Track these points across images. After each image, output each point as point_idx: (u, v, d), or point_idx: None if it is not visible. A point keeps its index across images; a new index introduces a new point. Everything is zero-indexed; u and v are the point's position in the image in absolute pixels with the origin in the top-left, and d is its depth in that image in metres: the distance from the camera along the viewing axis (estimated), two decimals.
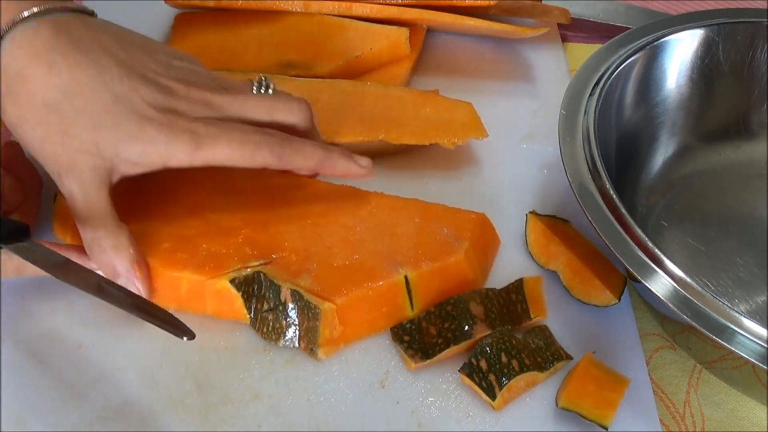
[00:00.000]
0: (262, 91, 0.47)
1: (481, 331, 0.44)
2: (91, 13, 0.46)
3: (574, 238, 0.49)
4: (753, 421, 0.45)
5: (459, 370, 0.43)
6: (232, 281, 0.44)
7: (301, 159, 0.45)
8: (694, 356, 0.46)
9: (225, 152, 0.42)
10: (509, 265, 0.50)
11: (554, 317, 0.48)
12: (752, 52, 0.55)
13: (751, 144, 0.57)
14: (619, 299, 0.46)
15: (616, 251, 0.41)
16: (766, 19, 0.55)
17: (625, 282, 0.47)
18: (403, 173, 0.55)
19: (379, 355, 0.45)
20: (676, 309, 0.39)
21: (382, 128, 0.54)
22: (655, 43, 0.53)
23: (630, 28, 0.55)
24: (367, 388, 0.44)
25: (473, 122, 0.55)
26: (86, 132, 0.41)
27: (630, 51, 0.52)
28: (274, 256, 0.45)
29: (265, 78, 0.48)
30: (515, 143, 0.59)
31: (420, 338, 0.44)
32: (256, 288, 0.45)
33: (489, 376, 0.42)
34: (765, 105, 0.56)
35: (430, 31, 0.66)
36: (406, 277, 0.45)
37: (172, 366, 0.44)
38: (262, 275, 0.44)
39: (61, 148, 0.42)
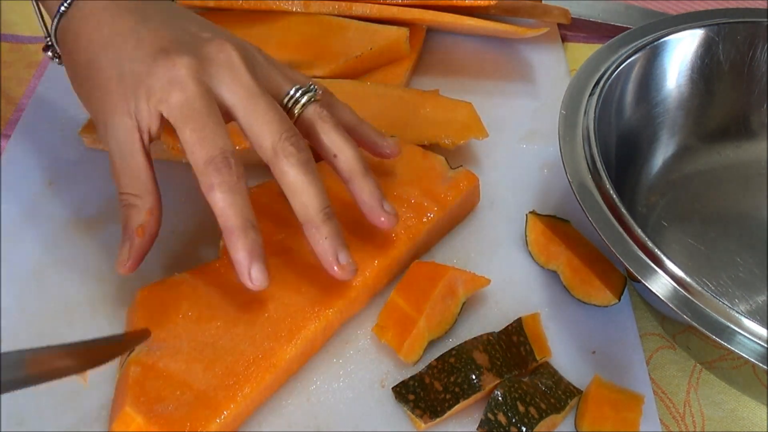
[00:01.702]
0: (298, 95, 0.44)
1: (490, 381, 0.42)
2: None
3: (574, 238, 0.49)
4: (753, 421, 0.45)
5: (477, 428, 0.41)
6: None
7: (223, 206, 0.40)
8: (694, 356, 0.46)
9: (184, 133, 0.40)
10: (509, 265, 0.50)
11: (554, 317, 0.48)
12: (752, 52, 0.55)
13: (751, 144, 0.57)
14: (619, 299, 0.46)
15: (616, 251, 0.41)
16: (766, 19, 0.54)
17: (625, 282, 0.47)
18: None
19: (378, 355, 0.45)
20: (676, 309, 0.38)
21: (382, 128, 0.54)
22: (655, 43, 0.53)
23: (630, 28, 0.55)
24: (367, 388, 0.44)
25: (473, 122, 0.55)
26: (114, 85, 0.41)
27: (630, 51, 0.52)
28: None
29: (314, 87, 0.45)
30: (515, 143, 0.59)
31: (425, 395, 0.42)
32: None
33: (510, 429, 0.40)
34: (765, 105, 0.56)
35: (430, 31, 0.66)
36: None
37: None
38: None
39: (100, 103, 0.42)
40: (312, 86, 0.45)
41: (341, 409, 0.43)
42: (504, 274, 0.49)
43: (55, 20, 0.44)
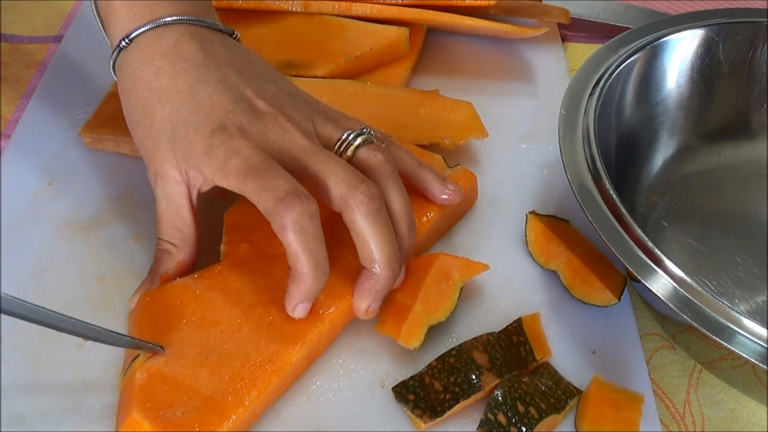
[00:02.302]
0: (351, 137, 0.44)
1: (490, 381, 0.42)
2: (230, 33, 0.47)
3: (574, 238, 0.49)
4: (753, 421, 0.45)
5: (477, 429, 0.41)
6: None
7: (293, 244, 0.39)
8: (694, 356, 0.46)
9: (257, 194, 0.40)
10: (509, 265, 0.50)
11: (554, 317, 0.48)
12: (752, 52, 0.55)
13: (751, 144, 0.57)
14: (619, 299, 0.46)
15: (616, 251, 0.41)
16: (766, 19, 0.54)
17: (625, 282, 0.47)
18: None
19: (379, 355, 0.45)
20: (676, 309, 0.38)
21: (382, 128, 0.54)
22: (655, 43, 0.53)
23: (630, 28, 0.55)
24: (367, 388, 0.44)
25: (473, 122, 0.55)
26: (165, 140, 0.42)
27: (630, 51, 0.52)
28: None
29: (367, 130, 0.45)
30: (515, 143, 0.59)
31: (425, 395, 0.42)
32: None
33: (510, 429, 0.40)
34: (765, 105, 0.56)
35: (430, 31, 0.66)
36: None
37: None
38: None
39: (152, 152, 0.43)
40: (365, 129, 0.45)
41: (341, 409, 0.43)
42: (504, 274, 0.49)
43: (115, 53, 0.45)
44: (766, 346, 0.37)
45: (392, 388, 0.43)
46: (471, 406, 0.43)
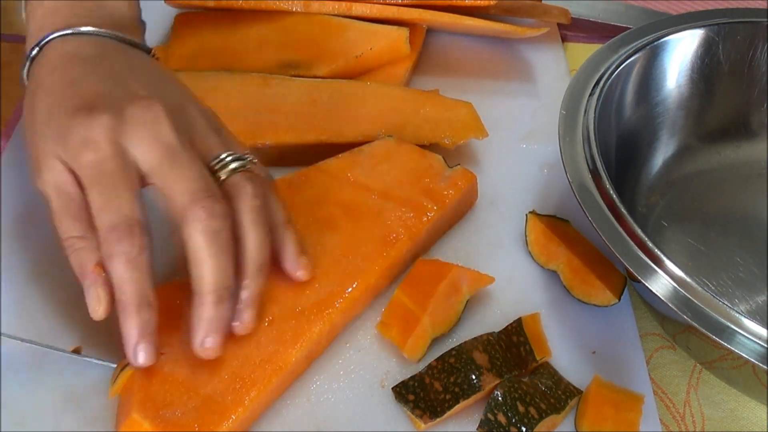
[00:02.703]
0: (229, 159, 0.41)
1: (490, 381, 0.42)
2: (147, 50, 0.46)
3: (574, 238, 0.49)
4: (753, 421, 0.45)
5: (477, 429, 0.41)
6: None
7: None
8: (694, 356, 0.46)
9: (91, 194, 0.39)
10: (509, 265, 0.50)
11: (554, 317, 0.48)
12: (752, 52, 0.55)
13: (751, 144, 0.57)
14: (619, 299, 0.46)
15: (616, 251, 0.41)
16: (766, 19, 0.54)
17: (625, 282, 0.47)
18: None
19: (379, 355, 0.45)
20: (676, 309, 0.38)
21: (382, 128, 0.54)
22: (655, 43, 0.53)
23: (630, 28, 0.55)
24: (367, 388, 0.44)
25: (473, 122, 0.55)
26: (46, 130, 0.41)
27: (630, 51, 0.52)
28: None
29: (250, 157, 0.42)
30: (515, 143, 0.59)
31: (425, 395, 0.42)
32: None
33: (510, 429, 0.40)
34: (765, 105, 0.56)
35: (430, 31, 0.66)
36: None
37: None
38: None
39: (33, 148, 0.41)
40: (248, 157, 0.42)
41: (341, 409, 0.43)
42: (504, 274, 0.49)
43: (27, 63, 0.45)
44: (766, 346, 0.37)
45: (392, 388, 0.43)
46: (471, 406, 0.43)
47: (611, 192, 0.43)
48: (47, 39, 0.44)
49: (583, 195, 0.44)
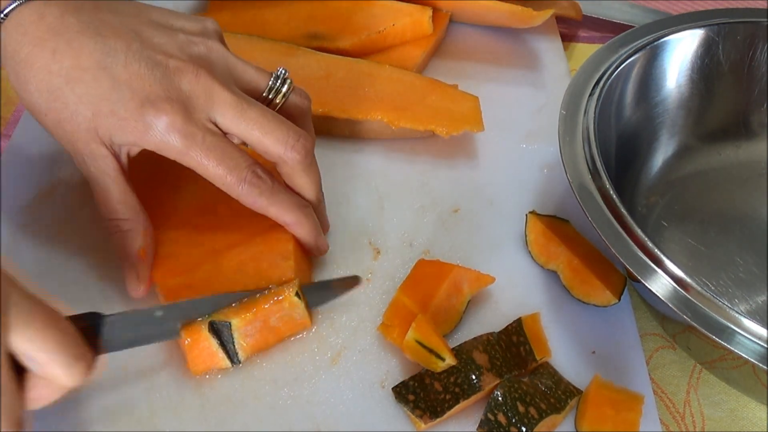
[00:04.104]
0: (278, 84, 0.45)
1: (490, 381, 0.42)
2: None
3: (574, 238, 0.49)
4: (753, 421, 0.45)
5: (477, 429, 0.41)
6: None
7: (275, 210, 0.44)
8: (694, 356, 0.46)
9: (208, 169, 0.42)
10: (509, 265, 0.50)
11: (554, 317, 0.48)
12: (752, 52, 0.55)
13: (751, 144, 0.57)
14: (619, 299, 0.46)
15: (616, 251, 0.41)
16: (766, 19, 0.54)
17: (624, 282, 0.47)
18: (403, 171, 0.55)
19: (379, 355, 0.45)
20: (676, 309, 0.39)
21: (383, 109, 0.55)
22: (656, 42, 0.53)
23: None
24: (367, 388, 0.44)
25: (473, 115, 0.55)
26: (86, 120, 0.41)
27: (630, 51, 0.52)
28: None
29: (285, 72, 0.46)
30: (515, 143, 0.59)
31: (425, 395, 0.42)
32: None
33: (510, 429, 0.40)
34: (765, 105, 0.56)
35: (452, 23, 0.67)
36: None
37: (172, 367, 0.44)
38: None
39: (71, 134, 0.42)
40: (282, 71, 0.46)
41: (341, 409, 0.43)
42: (504, 274, 0.49)
43: None
44: (766, 346, 0.37)
45: (392, 389, 0.43)
46: (471, 406, 0.43)
47: (611, 192, 0.43)
48: (12, 6, 0.41)
49: (583, 195, 0.44)
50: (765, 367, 0.37)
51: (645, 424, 0.42)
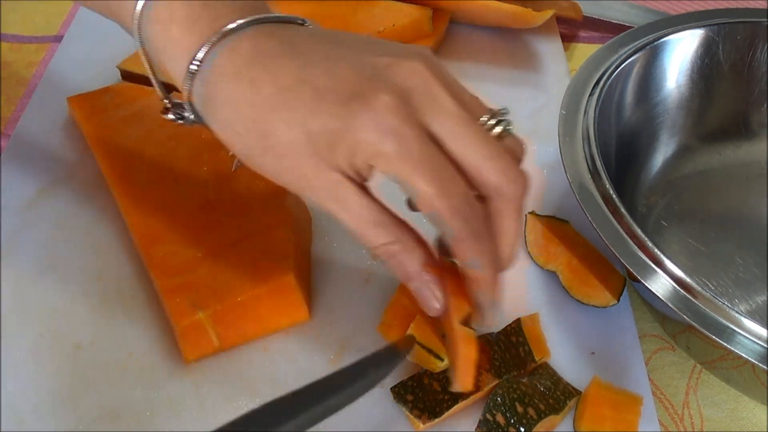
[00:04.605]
0: (493, 123, 0.37)
1: (488, 382, 0.42)
2: (301, 22, 0.40)
3: (574, 239, 0.49)
4: (753, 421, 0.45)
5: (476, 429, 0.41)
6: None
7: (473, 254, 0.36)
8: (694, 356, 0.46)
9: (416, 184, 0.35)
10: None
11: (553, 318, 0.48)
12: (752, 52, 0.55)
13: (751, 144, 0.57)
14: (618, 300, 0.46)
15: (616, 251, 0.41)
16: (766, 19, 0.54)
17: (624, 283, 0.47)
18: None
19: None
20: (676, 309, 0.38)
21: None
22: (656, 42, 0.53)
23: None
24: None
25: None
26: (302, 145, 0.35)
27: (630, 51, 0.52)
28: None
29: (506, 111, 0.38)
30: None
31: (424, 396, 0.42)
32: None
33: (509, 430, 0.40)
34: (765, 105, 0.56)
35: (452, 23, 0.67)
36: None
37: (173, 366, 0.44)
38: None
39: (297, 170, 0.36)
40: (504, 110, 0.38)
41: None
42: (503, 274, 0.49)
43: (187, 84, 0.37)
44: (766, 346, 0.37)
45: (391, 389, 0.43)
46: (470, 406, 0.43)
47: (611, 192, 0.43)
48: (205, 49, 0.36)
49: (583, 195, 0.44)
50: (765, 367, 0.37)
51: (644, 425, 0.42)
